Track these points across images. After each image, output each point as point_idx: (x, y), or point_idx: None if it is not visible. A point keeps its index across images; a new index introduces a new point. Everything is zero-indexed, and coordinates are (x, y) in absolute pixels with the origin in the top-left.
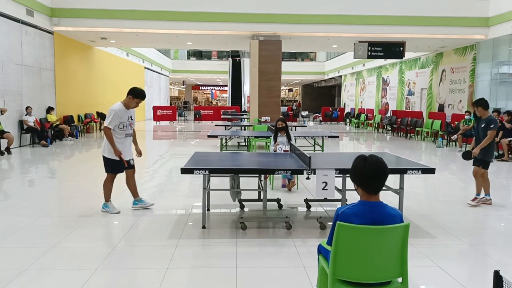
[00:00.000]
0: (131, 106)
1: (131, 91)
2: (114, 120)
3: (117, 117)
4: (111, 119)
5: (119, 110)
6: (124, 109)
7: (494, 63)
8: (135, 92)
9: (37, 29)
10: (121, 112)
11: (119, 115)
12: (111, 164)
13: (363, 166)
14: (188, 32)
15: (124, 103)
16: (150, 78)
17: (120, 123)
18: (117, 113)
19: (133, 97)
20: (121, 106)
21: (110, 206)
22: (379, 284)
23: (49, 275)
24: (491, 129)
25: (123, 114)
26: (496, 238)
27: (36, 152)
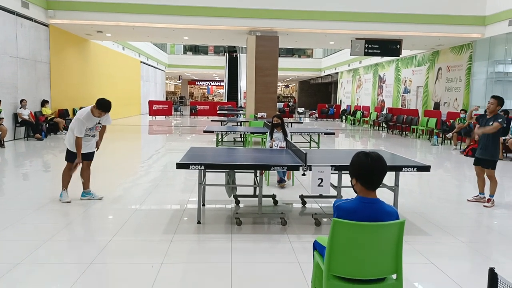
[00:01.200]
0: (94, 114)
1: (97, 101)
2: (81, 129)
3: (82, 125)
4: (77, 129)
5: (84, 119)
6: (91, 117)
7: (490, 61)
8: (99, 103)
9: (32, 22)
10: (87, 120)
11: (85, 124)
12: (70, 155)
13: (365, 161)
14: (185, 26)
15: (91, 110)
16: (146, 73)
17: (87, 128)
18: (82, 122)
19: (96, 107)
20: (88, 114)
21: (63, 195)
22: (374, 281)
23: (43, 269)
24: (498, 122)
25: (89, 121)
26: (490, 236)
27: (31, 146)
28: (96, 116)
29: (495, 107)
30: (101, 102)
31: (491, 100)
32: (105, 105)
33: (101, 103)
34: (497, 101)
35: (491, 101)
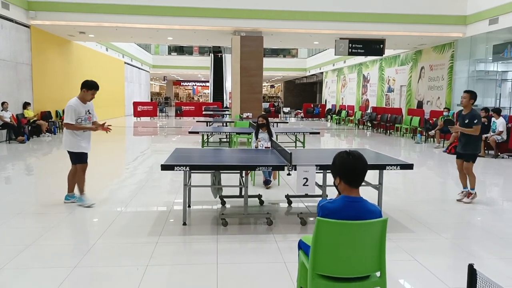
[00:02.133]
0: (87, 99)
1: (84, 84)
2: (72, 115)
3: (74, 112)
4: (69, 114)
5: (75, 105)
6: (81, 104)
7: (471, 60)
8: (88, 85)
9: (13, 23)
10: (78, 106)
11: (77, 110)
12: (75, 156)
13: (347, 160)
14: (169, 27)
15: (80, 98)
16: (130, 74)
17: (78, 117)
18: (73, 108)
19: (87, 89)
20: (77, 101)
21: (84, 199)
22: (358, 279)
23: (27, 274)
24: (475, 124)
25: (80, 108)
26: (472, 232)
27: (13, 149)
28: (89, 99)
29: (467, 101)
30: (89, 83)
31: (464, 95)
32: (93, 83)
33: (90, 83)
34: (469, 95)
35: (463, 95)
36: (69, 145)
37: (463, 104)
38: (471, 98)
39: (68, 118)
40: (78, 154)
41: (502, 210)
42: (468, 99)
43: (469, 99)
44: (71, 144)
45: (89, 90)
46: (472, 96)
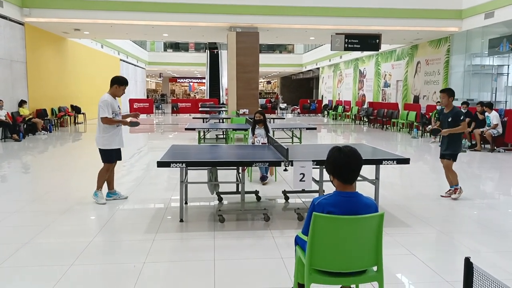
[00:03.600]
0: (119, 94)
1: (115, 80)
2: (109, 110)
3: (110, 106)
4: (107, 109)
5: (110, 100)
6: (112, 99)
7: (467, 55)
8: (119, 80)
9: (7, 20)
10: (112, 101)
11: (112, 104)
12: (105, 154)
13: (338, 156)
14: (164, 23)
15: (111, 93)
16: (126, 71)
17: (113, 112)
18: (109, 103)
19: (118, 85)
20: (109, 96)
21: (98, 196)
22: (355, 273)
23: (24, 271)
24: (462, 121)
25: (114, 103)
26: (469, 226)
27: (8, 147)
28: (120, 95)
29: (447, 100)
30: (121, 79)
31: (441, 94)
32: (124, 79)
33: (121, 79)
34: (447, 93)
35: (441, 95)
36: (101, 142)
37: (443, 103)
38: (450, 96)
39: (106, 112)
40: (109, 152)
41: (498, 204)
42: (447, 98)
43: (448, 98)
44: (103, 142)
45: (121, 86)
46: (450, 93)
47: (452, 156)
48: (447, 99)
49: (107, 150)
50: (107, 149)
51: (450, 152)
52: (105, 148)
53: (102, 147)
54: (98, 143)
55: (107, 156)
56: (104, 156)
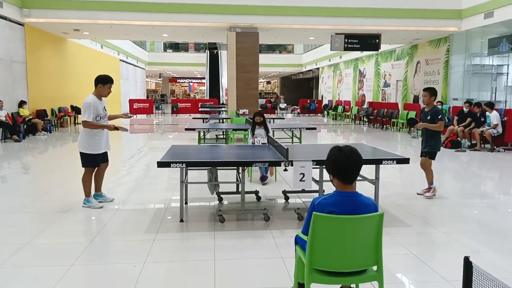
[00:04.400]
0: (104, 94)
1: (99, 79)
2: (91, 113)
3: (93, 109)
4: (88, 112)
5: (94, 102)
6: (98, 101)
7: (467, 54)
8: (102, 79)
9: (7, 21)
10: (96, 103)
11: (95, 107)
12: (87, 159)
13: (338, 156)
14: (164, 23)
15: (96, 94)
16: (126, 71)
17: (97, 115)
18: (92, 105)
19: (103, 84)
20: (94, 98)
21: (92, 201)
22: (355, 273)
23: (24, 272)
24: (439, 120)
25: (98, 105)
26: (469, 226)
27: (8, 148)
28: (105, 96)
29: (429, 99)
30: (103, 77)
31: (424, 93)
32: (108, 77)
33: (104, 77)
34: (429, 92)
35: (423, 93)
36: (83, 146)
37: (425, 102)
38: (432, 95)
39: (86, 115)
40: (91, 157)
41: (498, 203)
42: (428, 96)
43: (429, 97)
44: (84, 145)
45: (105, 85)
46: (432, 93)
47: (429, 154)
48: (428, 97)
49: (91, 155)
50: (90, 153)
51: (428, 150)
52: (88, 153)
53: (85, 151)
54: (80, 146)
55: (90, 160)
56: (86, 161)
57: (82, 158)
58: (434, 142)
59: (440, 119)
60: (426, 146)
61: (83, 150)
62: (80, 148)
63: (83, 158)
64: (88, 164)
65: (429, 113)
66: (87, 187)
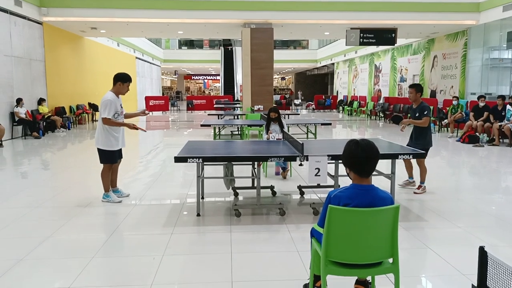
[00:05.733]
0: (123, 92)
1: (118, 77)
2: (111, 110)
3: (112, 106)
4: (108, 109)
5: (113, 99)
6: (116, 98)
7: (485, 48)
8: (123, 77)
9: (26, 20)
10: (115, 101)
11: (114, 104)
12: (105, 155)
13: (355, 150)
14: (179, 21)
15: (115, 91)
16: (142, 68)
17: (115, 112)
18: (112, 102)
19: (122, 82)
20: (113, 95)
21: (111, 196)
22: (371, 265)
23: (46, 264)
24: (425, 116)
25: (116, 102)
26: (487, 221)
27: (29, 144)
28: (125, 93)
29: (415, 95)
30: (123, 75)
31: (410, 90)
32: (127, 75)
33: (124, 76)
34: (415, 89)
35: (409, 90)
36: (101, 142)
37: (411, 98)
38: (417, 91)
39: (106, 112)
40: (108, 153)
41: None
42: (414, 93)
43: (415, 93)
44: (103, 142)
45: (124, 83)
46: (418, 89)
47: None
48: (414, 94)
49: (109, 151)
50: (109, 150)
51: (420, 147)
52: (106, 149)
53: (103, 147)
54: (98, 143)
55: (108, 157)
56: (105, 157)
57: (100, 154)
58: (424, 140)
59: (425, 115)
60: (418, 144)
61: (101, 147)
62: (98, 144)
63: (101, 155)
64: (106, 161)
65: (417, 109)
66: (106, 182)
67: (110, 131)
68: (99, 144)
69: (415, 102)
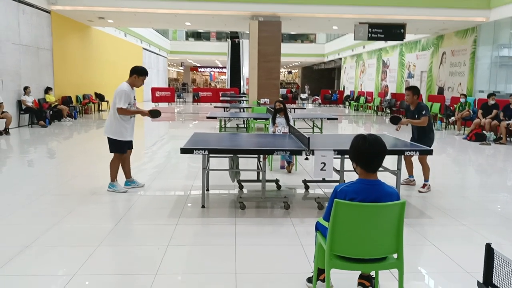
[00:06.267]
0: (137, 84)
1: (135, 70)
2: (125, 100)
3: (127, 97)
4: (124, 99)
5: (128, 90)
6: (130, 89)
7: (494, 46)
8: (139, 71)
9: (34, 8)
10: (129, 92)
11: (129, 95)
12: (115, 145)
13: (362, 145)
14: (187, 12)
15: (130, 83)
16: (148, 59)
17: (128, 103)
18: (127, 93)
19: (138, 75)
20: (128, 86)
21: (117, 186)
22: (375, 260)
23: (52, 251)
24: (423, 115)
25: (130, 94)
26: (492, 219)
27: (35, 133)
28: (139, 86)
29: (411, 98)
30: (140, 69)
31: (406, 92)
32: (144, 69)
33: (141, 69)
34: (412, 91)
35: (406, 93)
36: (112, 132)
37: (408, 101)
38: (414, 94)
39: (122, 102)
40: (120, 143)
41: None
42: (411, 95)
43: (412, 96)
44: (115, 131)
45: (140, 76)
46: (415, 91)
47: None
48: (411, 96)
49: (120, 141)
50: (119, 139)
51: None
52: (117, 139)
53: (114, 137)
54: (108, 132)
55: (118, 146)
56: (115, 146)
57: (111, 143)
58: (428, 139)
59: (424, 114)
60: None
61: (112, 136)
62: (109, 133)
63: (111, 144)
64: (116, 150)
65: (415, 111)
66: (114, 172)
67: (121, 121)
68: (110, 133)
69: (413, 104)
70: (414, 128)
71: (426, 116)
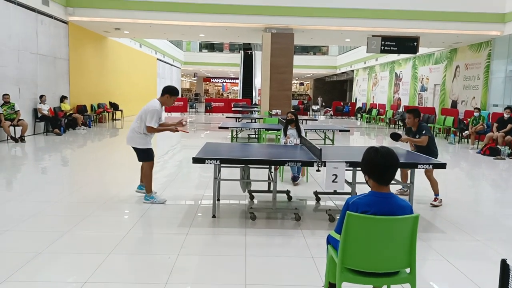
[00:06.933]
0: (168, 104)
1: (167, 90)
2: (156, 119)
3: (158, 116)
4: (155, 118)
5: (159, 109)
6: (161, 108)
7: (509, 60)
8: (171, 91)
9: (52, 19)
10: (160, 111)
11: (160, 114)
12: (144, 153)
13: (375, 157)
14: (201, 24)
15: (162, 101)
16: (162, 70)
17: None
18: (158, 112)
19: (170, 95)
20: (159, 105)
21: (155, 197)
22: (387, 274)
23: (63, 258)
24: (423, 135)
25: (160, 113)
26: (506, 234)
27: (50, 140)
28: (169, 105)
29: (412, 121)
30: (172, 88)
31: (408, 115)
32: (176, 90)
33: (173, 89)
34: (413, 114)
35: (407, 115)
36: (137, 142)
37: (410, 124)
38: (415, 117)
39: (153, 122)
40: (147, 151)
41: None
42: (412, 118)
43: (413, 118)
44: (140, 142)
45: (172, 96)
46: (416, 114)
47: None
48: (412, 119)
49: (148, 149)
50: (148, 148)
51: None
52: (145, 148)
53: (142, 146)
54: (135, 143)
55: (146, 154)
56: (145, 155)
57: (139, 153)
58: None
59: (424, 134)
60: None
61: (139, 146)
62: (135, 144)
63: (140, 153)
64: (147, 158)
65: (416, 132)
66: (149, 183)
67: (145, 135)
68: (137, 144)
69: (414, 126)
70: (417, 149)
71: (427, 135)
